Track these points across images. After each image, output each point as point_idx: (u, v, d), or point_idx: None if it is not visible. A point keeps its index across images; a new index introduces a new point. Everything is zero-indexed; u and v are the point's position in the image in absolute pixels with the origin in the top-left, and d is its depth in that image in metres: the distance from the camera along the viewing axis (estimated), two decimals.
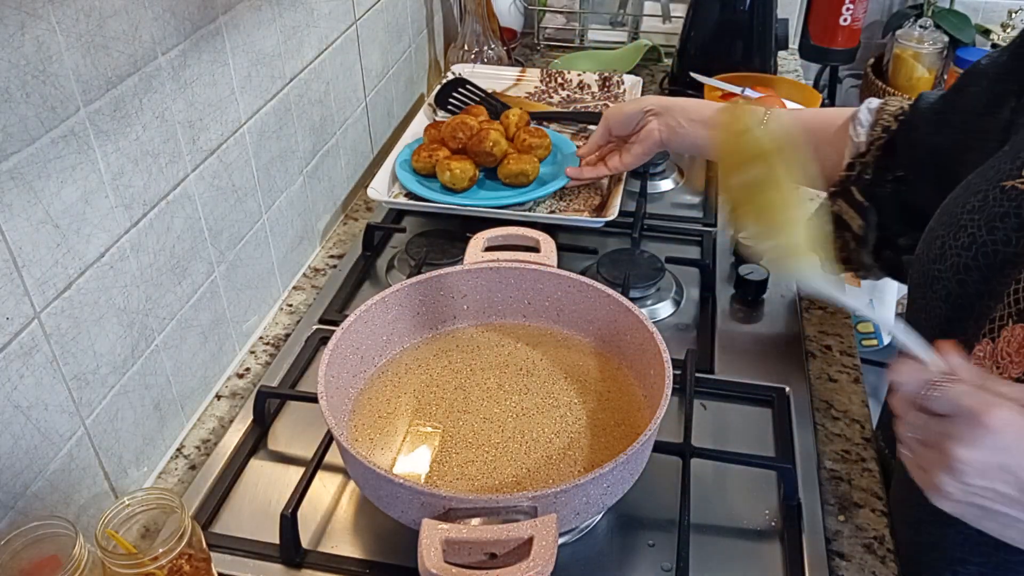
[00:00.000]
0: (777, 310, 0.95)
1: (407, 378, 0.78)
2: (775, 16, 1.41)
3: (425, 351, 0.81)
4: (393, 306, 0.78)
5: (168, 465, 0.80)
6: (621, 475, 0.62)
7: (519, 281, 0.82)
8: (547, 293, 0.82)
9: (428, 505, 0.58)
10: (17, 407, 0.60)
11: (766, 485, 0.74)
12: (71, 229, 0.64)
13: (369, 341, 0.77)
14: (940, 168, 0.74)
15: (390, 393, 0.77)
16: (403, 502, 0.60)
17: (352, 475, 0.68)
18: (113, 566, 0.57)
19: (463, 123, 1.10)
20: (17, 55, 0.56)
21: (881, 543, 0.71)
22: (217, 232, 0.84)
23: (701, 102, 1.00)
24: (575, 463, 0.69)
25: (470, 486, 0.67)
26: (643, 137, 0.98)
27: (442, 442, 0.72)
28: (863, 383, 0.88)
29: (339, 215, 1.16)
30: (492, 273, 0.81)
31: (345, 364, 0.73)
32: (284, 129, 0.96)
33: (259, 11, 0.87)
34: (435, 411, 0.75)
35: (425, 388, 0.77)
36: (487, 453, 0.70)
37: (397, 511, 0.62)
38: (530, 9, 1.66)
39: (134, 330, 0.73)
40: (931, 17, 1.89)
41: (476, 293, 0.82)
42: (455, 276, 0.81)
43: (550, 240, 0.84)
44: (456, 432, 0.72)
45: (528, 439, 0.71)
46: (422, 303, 0.80)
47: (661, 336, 0.71)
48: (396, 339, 0.80)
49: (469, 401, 0.75)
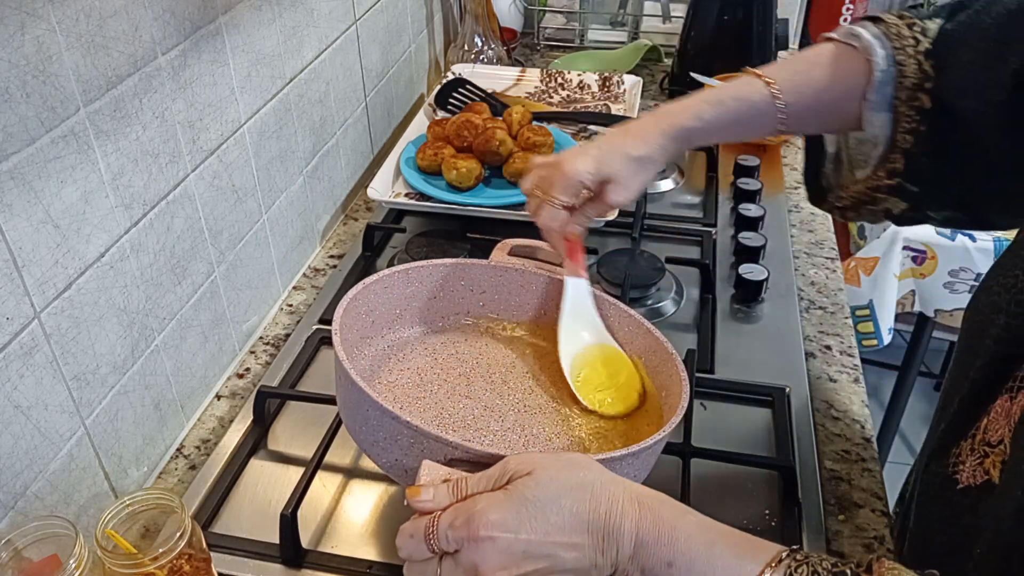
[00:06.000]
0: (777, 310, 0.95)
1: (412, 356, 0.77)
2: (775, 16, 1.41)
3: (434, 339, 0.79)
4: (414, 280, 0.77)
5: (168, 465, 0.80)
6: (631, 468, 0.60)
7: (540, 288, 0.80)
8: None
9: (429, 450, 0.56)
10: (17, 407, 0.60)
11: (766, 485, 0.74)
12: (71, 229, 0.64)
13: (383, 308, 0.76)
14: None
15: (393, 365, 0.75)
16: (404, 443, 0.58)
17: (348, 420, 0.65)
18: (113, 566, 0.57)
19: (468, 121, 1.10)
20: (17, 55, 0.56)
21: (881, 543, 0.71)
22: (217, 232, 0.84)
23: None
24: None
25: None
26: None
27: (439, 419, 0.70)
28: (863, 383, 0.88)
29: (339, 215, 1.16)
30: (516, 275, 0.80)
31: (356, 322, 0.72)
32: (284, 129, 0.96)
33: (259, 11, 0.87)
34: (436, 391, 0.73)
35: (428, 369, 0.76)
36: (484, 438, 0.69)
37: (393, 455, 0.60)
38: (530, 9, 1.66)
39: (134, 330, 0.73)
40: None
41: (496, 291, 0.81)
42: (479, 269, 0.80)
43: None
44: (455, 413, 0.71)
45: (528, 434, 0.70)
46: (441, 287, 0.79)
47: (679, 356, 0.70)
48: (407, 316, 0.78)
49: (472, 388, 0.74)
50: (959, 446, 0.58)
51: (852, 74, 0.68)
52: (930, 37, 0.66)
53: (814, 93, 0.71)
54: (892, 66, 0.66)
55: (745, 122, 0.73)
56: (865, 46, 0.67)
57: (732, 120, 0.73)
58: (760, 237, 1.04)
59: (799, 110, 0.71)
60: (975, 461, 0.56)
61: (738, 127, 0.74)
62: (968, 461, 0.57)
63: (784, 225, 1.10)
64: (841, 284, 1.02)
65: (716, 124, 0.74)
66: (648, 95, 1.46)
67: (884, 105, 0.67)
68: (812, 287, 1.01)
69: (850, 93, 0.68)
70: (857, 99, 0.68)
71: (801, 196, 1.19)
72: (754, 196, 1.13)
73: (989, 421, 0.56)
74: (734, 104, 0.73)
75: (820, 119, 0.73)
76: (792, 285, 0.99)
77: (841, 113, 0.70)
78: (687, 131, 0.74)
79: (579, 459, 0.53)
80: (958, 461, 0.58)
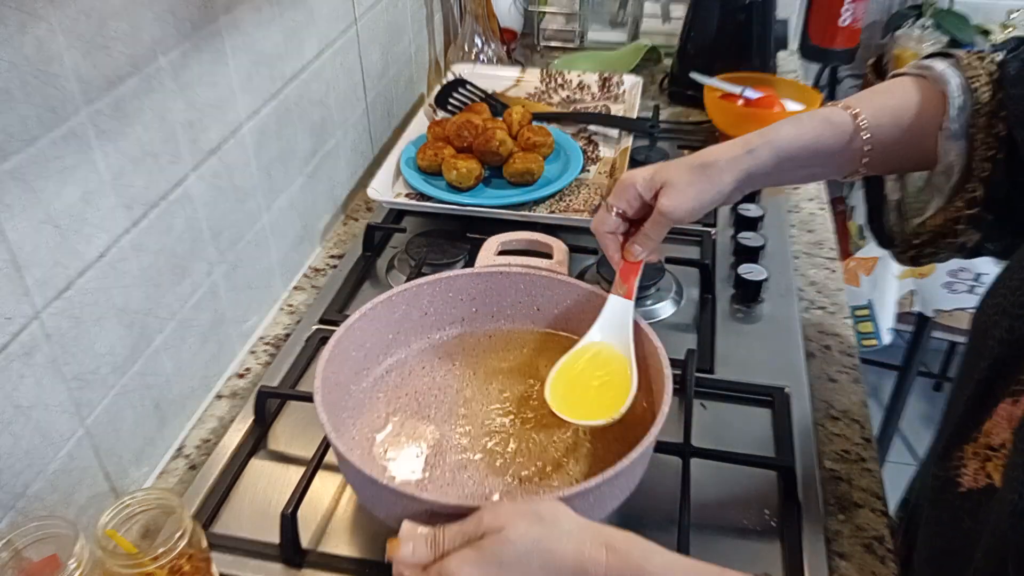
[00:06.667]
0: (777, 310, 0.95)
1: (410, 379, 0.78)
2: (775, 16, 1.41)
3: (431, 353, 0.80)
4: (400, 305, 0.78)
5: (168, 465, 0.80)
6: (611, 490, 0.62)
7: (529, 287, 0.81)
8: (556, 300, 0.81)
9: (409, 508, 0.58)
10: (17, 407, 0.60)
11: (766, 485, 0.74)
12: (71, 229, 0.64)
13: (374, 339, 0.76)
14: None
15: (391, 394, 0.76)
16: (387, 503, 0.60)
17: (343, 473, 0.68)
18: (113, 566, 0.57)
19: (468, 122, 1.10)
20: (18, 55, 0.56)
21: (881, 543, 0.71)
22: (217, 232, 0.84)
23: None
24: (569, 475, 0.69)
25: (459, 492, 0.67)
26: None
27: (437, 446, 0.72)
28: (863, 383, 0.88)
29: (339, 215, 1.16)
30: (502, 278, 0.80)
31: (347, 361, 0.73)
32: (284, 129, 0.96)
33: (259, 11, 0.87)
34: (434, 414, 0.75)
35: (427, 390, 0.77)
36: (481, 459, 0.70)
37: (382, 512, 0.62)
38: (530, 10, 1.66)
39: (134, 330, 0.73)
40: (931, 17, 1.89)
41: (485, 296, 0.81)
42: (465, 279, 0.80)
43: (563, 247, 0.83)
44: (452, 437, 0.72)
45: (524, 448, 0.71)
46: (430, 303, 0.80)
47: (664, 348, 0.70)
48: (402, 338, 0.79)
49: (469, 406, 0.75)
50: (962, 449, 0.58)
51: (927, 104, 0.67)
52: (997, 66, 0.66)
53: (894, 120, 0.68)
54: (966, 94, 0.65)
55: (825, 148, 0.69)
56: (937, 76, 0.67)
57: (811, 140, 0.68)
58: (760, 237, 1.04)
59: (882, 139, 0.68)
60: (977, 465, 0.56)
61: (817, 152, 0.69)
62: (970, 464, 0.57)
63: (784, 225, 1.10)
64: (841, 284, 1.02)
65: (793, 144, 0.68)
66: (648, 95, 1.46)
67: (960, 133, 0.66)
68: (812, 287, 1.01)
69: (927, 123, 0.67)
70: (933, 130, 0.67)
71: (801, 196, 1.19)
72: (754, 196, 1.13)
73: (992, 424, 0.55)
74: (812, 123, 0.69)
75: (901, 149, 0.69)
76: (792, 285, 0.99)
77: (919, 145, 0.68)
78: (757, 148, 0.68)
79: (547, 510, 0.55)
80: (960, 464, 0.58)
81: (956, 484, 0.58)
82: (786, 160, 0.69)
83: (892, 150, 0.69)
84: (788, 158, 0.69)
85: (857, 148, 0.68)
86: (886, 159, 0.70)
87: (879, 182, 0.76)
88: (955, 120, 0.66)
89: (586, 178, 1.13)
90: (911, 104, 0.68)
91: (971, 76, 0.66)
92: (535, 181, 1.08)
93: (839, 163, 0.70)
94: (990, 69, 0.66)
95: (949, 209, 0.68)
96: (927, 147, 0.68)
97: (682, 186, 0.69)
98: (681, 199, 0.69)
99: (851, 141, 0.68)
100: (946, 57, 0.69)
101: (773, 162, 0.69)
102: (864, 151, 0.68)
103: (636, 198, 0.71)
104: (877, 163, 0.70)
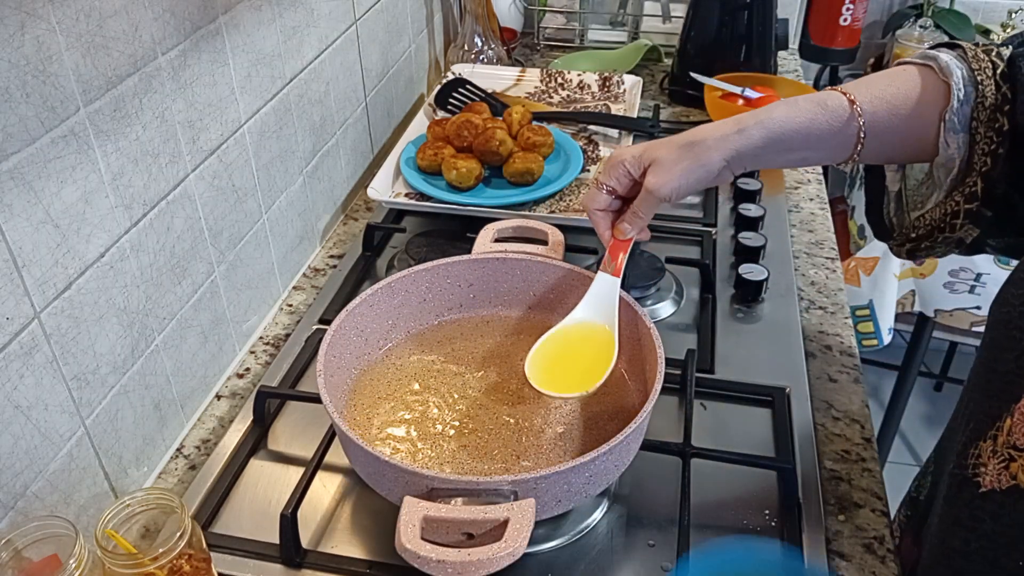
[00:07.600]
0: (777, 310, 0.95)
1: (409, 362, 0.79)
2: (775, 16, 1.41)
3: (429, 337, 0.82)
4: (399, 291, 0.79)
5: (168, 465, 0.80)
6: (604, 466, 0.63)
7: (525, 272, 0.82)
8: (552, 285, 0.82)
9: (412, 484, 0.59)
10: (17, 407, 0.60)
11: (766, 485, 0.74)
12: (71, 229, 0.64)
13: (374, 325, 0.78)
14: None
15: (391, 376, 0.78)
16: (388, 480, 0.62)
17: (345, 451, 0.69)
18: (113, 566, 0.57)
19: (468, 121, 1.10)
20: (17, 55, 0.56)
21: (881, 543, 0.71)
22: (217, 232, 0.84)
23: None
24: (565, 453, 0.70)
25: (459, 469, 0.69)
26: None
27: (437, 426, 0.73)
28: (863, 383, 0.88)
29: (339, 215, 1.16)
30: (499, 263, 0.82)
31: (348, 345, 0.75)
32: (284, 129, 0.96)
33: (259, 11, 0.87)
34: (433, 396, 0.76)
35: (426, 373, 0.78)
36: (479, 439, 0.71)
37: (384, 488, 0.64)
38: (530, 9, 1.66)
39: (134, 330, 0.73)
40: (931, 17, 1.89)
41: (483, 282, 0.83)
42: (462, 265, 0.82)
43: (558, 233, 0.85)
44: (452, 417, 0.74)
45: (521, 427, 0.73)
46: (428, 290, 0.82)
47: (658, 331, 0.71)
48: (401, 324, 0.81)
49: (467, 388, 0.77)
50: (978, 446, 0.57)
51: (930, 94, 0.66)
52: (1004, 61, 0.65)
53: (892, 108, 0.67)
54: (971, 87, 0.65)
55: (818, 132, 0.67)
56: (943, 67, 0.66)
57: (804, 123, 0.67)
58: (760, 237, 1.04)
59: (878, 127, 0.67)
60: (999, 464, 0.55)
61: (809, 136, 0.67)
62: (991, 464, 0.56)
63: (784, 225, 1.10)
64: (841, 284, 1.02)
65: (785, 126, 0.67)
66: (648, 95, 1.46)
67: (962, 126, 0.65)
68: (812, 287, 1.01)
69: (928, 113, 0.66)
70: (934, 121, 0.66)
71: (801, 196, 1.19)
72: (754, 196, 1.13)
73: (1014, 423, 0.54)
74: (807, 106, 0.67)
75: (898, 137, 0.68)
76: (792, 285, 0.99)
77: (918, 135, 0.67)
78: (748, 128, 0.67)
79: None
80: (979, 463, 0.57)
81: (975, 484, 0.57)
82: (777, 141, 0.68)
83: (889, 138, 0.68)
84: (779, 139, 0.68)
85: (852, 134, 0.67)
86: (882, 147, 0.68)
87: (880, 172, 0.76)
88: (957, 112, 0.65)
89: (586, 178, 1.13)
90: (912, 93, 0.67)
91: (976, 68, 0.65)
92: (535, 181, 1.07)
93: (833, 148, 0.69)
94: (996, 63, 0.65)
95: (948, 203, 0.67)
96: (925, 137, 0.67)
97: (669, 164, 0.69)
98: (667, 177, 0.69)
99: (846, 126, 0.67)
100: (952, 48, 0.68)
101: (763, 143, 0.68)
102: (859, 137, 0.67)
103: (625, 175, 0.72)
104: (873, 150, 0.69)
